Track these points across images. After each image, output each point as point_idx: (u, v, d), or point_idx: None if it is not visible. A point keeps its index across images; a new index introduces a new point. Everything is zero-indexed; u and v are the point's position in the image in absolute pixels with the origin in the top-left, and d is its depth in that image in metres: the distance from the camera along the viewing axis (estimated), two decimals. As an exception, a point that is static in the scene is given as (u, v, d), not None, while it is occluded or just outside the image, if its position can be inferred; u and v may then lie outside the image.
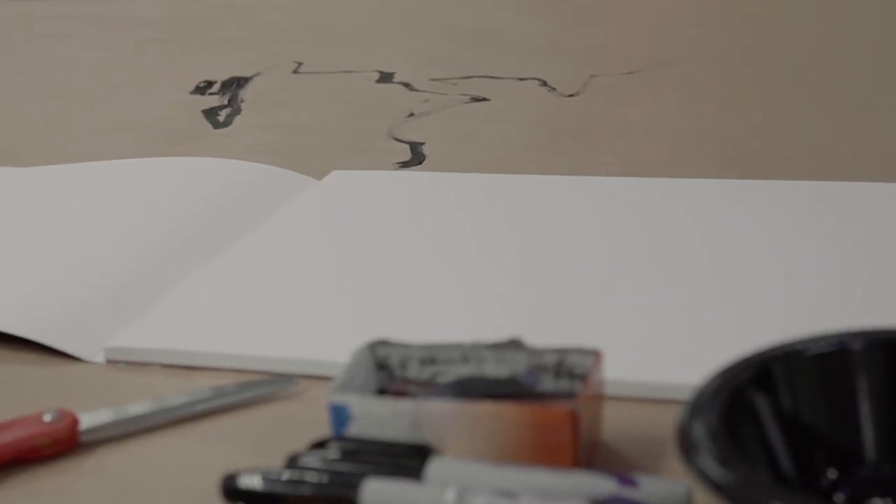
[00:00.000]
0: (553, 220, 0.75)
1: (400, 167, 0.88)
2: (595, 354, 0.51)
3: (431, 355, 0.53)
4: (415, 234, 0.74)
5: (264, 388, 0.57)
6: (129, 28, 1.41)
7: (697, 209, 0.75)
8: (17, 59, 1.29)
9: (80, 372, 0.62)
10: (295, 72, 1.16)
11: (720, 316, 0.61)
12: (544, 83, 1.07)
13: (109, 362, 0.62)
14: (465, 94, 1.05)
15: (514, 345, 0.52)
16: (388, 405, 0.49)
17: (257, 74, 1.15)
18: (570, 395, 0.51)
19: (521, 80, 1.08)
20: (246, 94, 1.09)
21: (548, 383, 0.52)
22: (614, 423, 0.53)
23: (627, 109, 0.99)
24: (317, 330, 0.63)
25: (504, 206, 0.77)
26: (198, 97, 1.09)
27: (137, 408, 0.56)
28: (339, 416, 0.50)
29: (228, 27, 1.38)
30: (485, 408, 0.48)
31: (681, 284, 0.65)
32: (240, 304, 0.66)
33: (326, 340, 0.61)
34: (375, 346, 0.53)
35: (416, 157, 0.90)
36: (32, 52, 1.32)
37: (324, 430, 0.53)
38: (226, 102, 1.07)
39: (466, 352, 0.52)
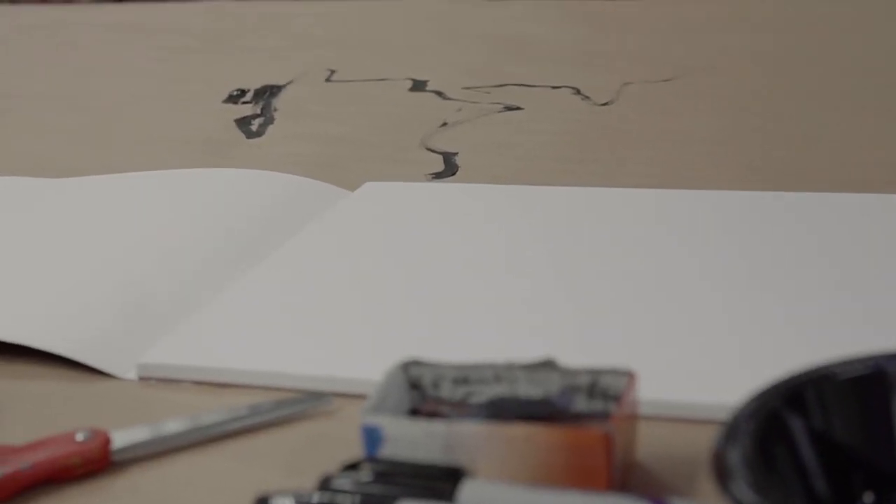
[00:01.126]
0: (585, 233, 0.74)
1: (433, 178, 0.87)
2: (629, 375, 0.51)
3: (464, 375, 0.53)
4: (448, 247, 0.73)
5: (297, 406, 0.57)
6: (162, 36, 1.41)
7: (732, 222, 0.74)
8: (49, 69, 1.30)
9: (112, 389, 0.62)
10: (328, 80, 1.16)
11: (755, 333, 0.60)
12: (578, 91, 1.06)
13: (142, 379, 0.62)
14: (498, 103, 1.04)
15: (548, 365, 0.52)
16: (420, 426, 0.49)
17: (290, 83, 1.15)
18: (604, 416, 0.51)
19: (554, 88, 1.08)
20: (279, 102, 1.09)
21: (581, 404, 0.51)
22: (649, 444, 0.53)
23: (661, 118, 0.98)
24: (349, 346, 0.62)
25: (536, 218, 0.77)
26: (231, 106, 1.09)
27: (169, 426, 0.56)
28: (372, 437, 0.49)
29: (262, 35, 1.38)
30: (518, 430, 0.48)
31: (715, 300, 0.64)
32: (271, 319, 0.66)
33: (359, 357, 0.61)
34: (408, 366, 0.53)
35: (450, 168, 0.89)
36: (64, 61, 1.33)
37: (357, 449, 0.53)
38: (258, 111, 1.07)
39: (499, 372, 0.52)
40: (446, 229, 0.76)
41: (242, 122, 1.04)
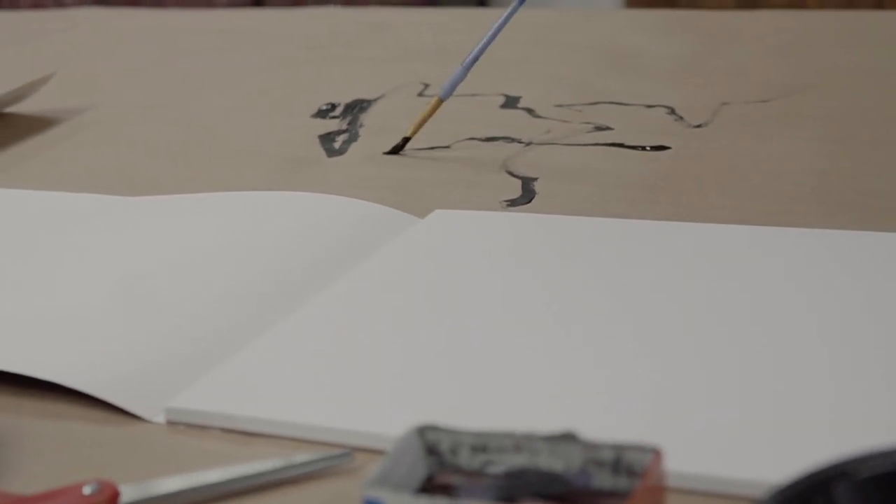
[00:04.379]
0: (656, 274, 0.70)
1: (507, 205, 0.84)
2: (654, 452, 0.47)
3: (483, 443, 0.50)
4: (511, 287, 0.70)
5: (315, 465, 0.54)
6: (265, 43, 1.40)
7: (821, 267, 0.69)
8: (144, 76, 1.29)
9: (140, 432, 0.60)
10: (420, 94, 1.13)
11: (817, 404, 0.56)
12: (672, 111, 1.03)
13: (170, 423, 0.60)
14: (588, 123, 1.01)
15: (569, 437, 0.48)
16: None
17: (381, 97, 1.12)
18: (627, 494, 0.47)
19: (649, 107, 1.04)
20: (367, 118, 1.07)
21: (605, 480, 0.48)
22: (678, 521, 0.49)
23: (756, 143, 0.94)
24: (389, 398, 0.59)
25: (606, 256, 0.73)
26: (319, 121, 1.07)
27: (181, 481, 0.53)
28: (374, 511, 0.47)
29: (364, 44, 1.36)
30: (526, 511, 0.45)
31: (784, 361, 0.60)
32: (311, 363, 0.63)
33: (396, 411, 0.58)
34: (424, 431, 0.50)
35: (526, 195, 0.86)
36: (161, 68, 1.32)
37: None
38: (344, 127, 1.04)
39: (519, 441, 0.49)
40: (512, 266, 0.73)
41: (326, 139, 1.01)
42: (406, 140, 0.95)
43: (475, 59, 0.94)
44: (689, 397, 0.57)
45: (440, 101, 0.95)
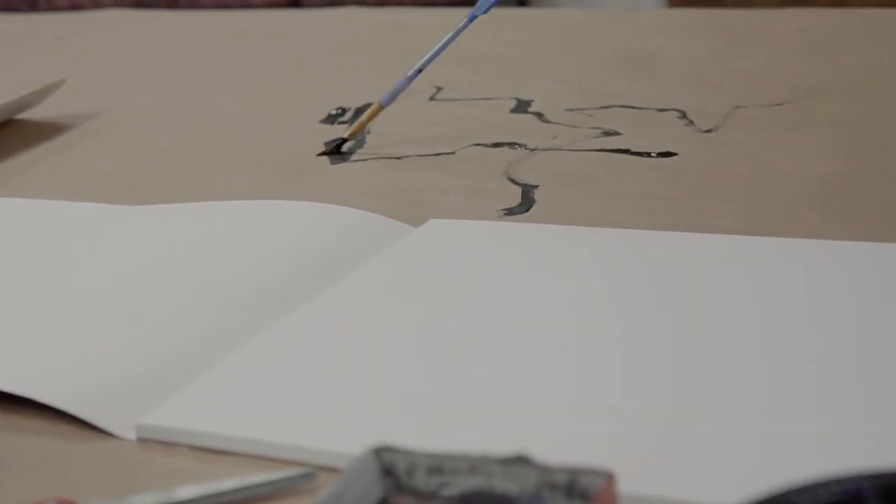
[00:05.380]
0: (651, 287, 0.68)
1: (505, 214, 0.83)
2: (607, 476, 0.46)
3: (438, 464, 0.49)
4: (500, 300, 0.68)
5: (277, 484, 0.53)
6: (284, 45, 1.39)
7: (824, 280, 0.68)
8: (155, 81, 1.28)
9: (109, 449, 0.59)
10: (432, 98, 1.12)
11: (790, 424, 0.54)
12: (684, 115, 1.01)
13: (140, 440, 0.59)
14: (597, 128, 0.99)
15: (522, 460, 0.47)
16: (370, 528, 0.45)
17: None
18: (582, 518, 0.46)
19: (660, 111, 1.03)
20: (375, 123, 1.06)
21: (559, 502, 0.47)
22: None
23: (764, 149, 0.92)
24: (364, 416, 0.58)
25: (599, 268, 0.72)
26: (328, 126, 1.06)
27: (141, 500, 0.53)
28: (321, 535, 0.46)
29: (382, 47, 1.35)
30: (471, 538, 0.44)
31: (769, 379, 0.58)
32: (287, 379, 0.62)
33: (369, 430, 0.56)
34: (381, 452, 0.49)
35: (525, 203, 0.84)
36: (176, 71, 1.31)
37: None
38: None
39: (474, 463, 0.48)
40: (503, 278, 0.72)
41: (331, 145, 1.00)
42: (343, 141, 0.97)
43: (419, 71, 0.95)
44: (660, 415, 0.56)
45: (380, 108, 0.96)
